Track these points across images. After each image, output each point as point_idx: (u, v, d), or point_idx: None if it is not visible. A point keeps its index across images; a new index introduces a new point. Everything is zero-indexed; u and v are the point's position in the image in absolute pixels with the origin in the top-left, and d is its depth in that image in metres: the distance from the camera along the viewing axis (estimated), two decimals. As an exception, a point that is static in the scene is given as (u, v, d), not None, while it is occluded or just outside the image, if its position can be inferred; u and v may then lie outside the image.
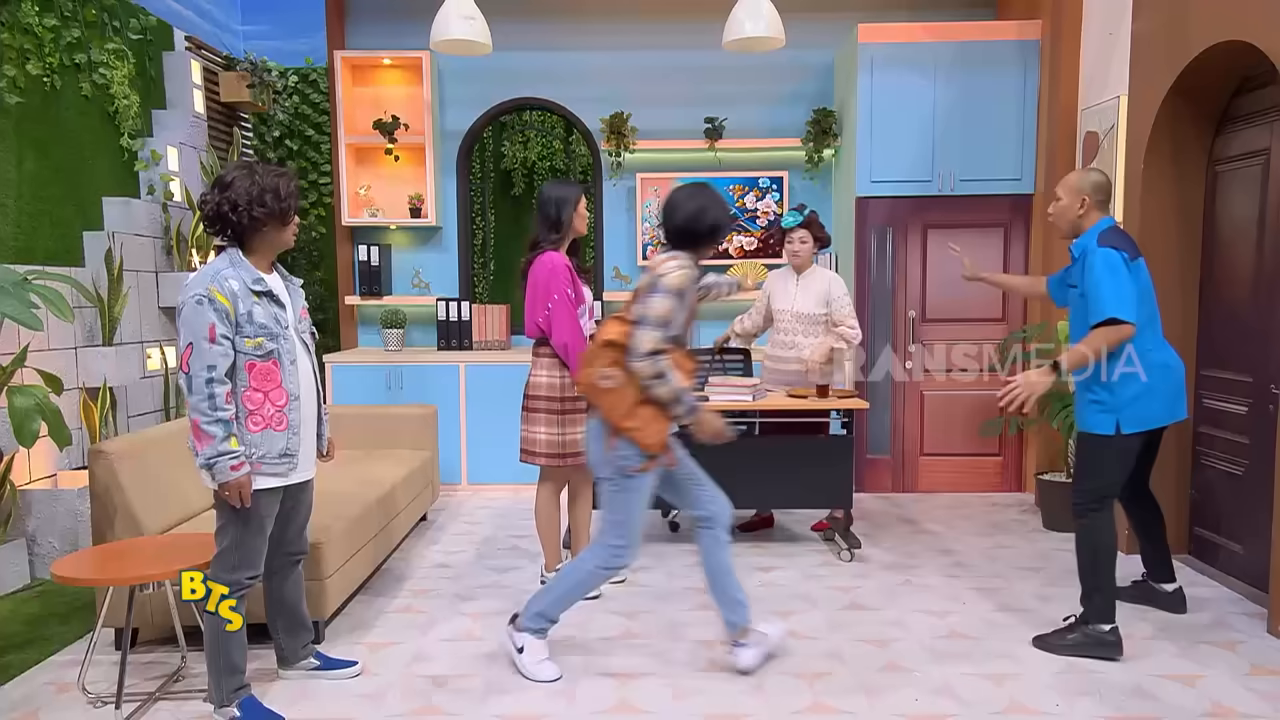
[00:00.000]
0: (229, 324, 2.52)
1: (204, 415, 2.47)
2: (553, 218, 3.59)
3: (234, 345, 2.53)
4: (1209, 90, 3.92)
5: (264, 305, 2.59)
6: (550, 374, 3.60)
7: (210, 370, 2.48)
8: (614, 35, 5.83)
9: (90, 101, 4.61)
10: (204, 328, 2.48)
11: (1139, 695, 2.81)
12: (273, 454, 2.61)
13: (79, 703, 2.79)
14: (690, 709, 2.75)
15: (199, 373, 2.48)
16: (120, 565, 2.73)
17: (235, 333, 2.53)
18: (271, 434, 2.60)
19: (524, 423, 3.67)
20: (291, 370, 2.64)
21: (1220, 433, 3.97)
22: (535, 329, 3.61)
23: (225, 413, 2.49)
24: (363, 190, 5.84)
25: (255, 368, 2.57)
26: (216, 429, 2.48)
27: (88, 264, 4.55)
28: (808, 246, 4.29)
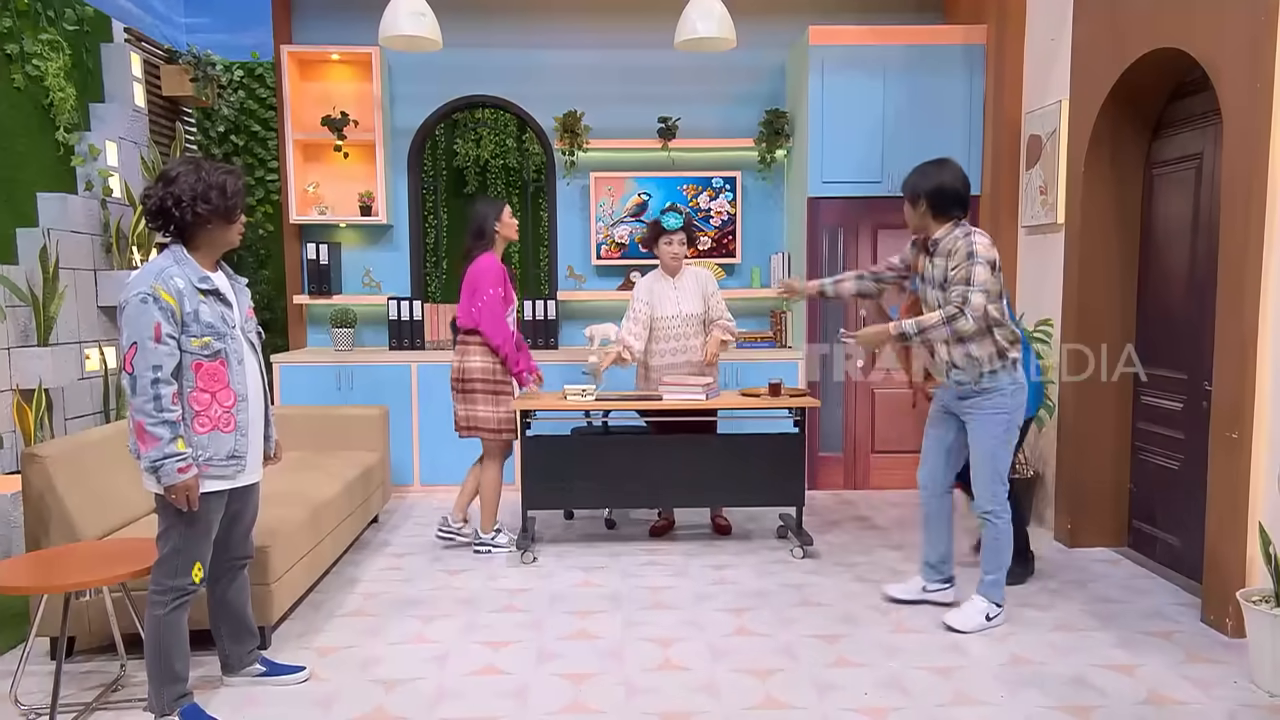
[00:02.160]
0: (174, 323, 2.46)
1: (149, 417, 2.42)
2: (478, 228, 4.17)
3: (180, 345, 2.48)
4: (1146, 96, 4.04)
5: (210, 304, 2.54)
6: (484, 359, 4.13)
7: (156, 370, 2.42)
8: (567, 34, 5.81)
9: (23, 94, 4.46)
10: (149, 327, 2.42)
11: (1080, 685, 2.88)
12: (220, 456, 2.55)
13: (11, 715, 2.70)
14: (643, 707, 2.75)
15: (144, 373, 2.42)
16: (55, 572, 2.65)
17: (181, 332, 2.48)
18: (219, 435, 2.55)
19: (462, 403, 4.16)
20: (239, 370, 2.59)
21: (1157, 428, 4.09)
22: (468, 319, 4.11)
23: (171, 414, 2.44)
24: (311, 188, 5.74)
25: (202, 368, 2.51)
26: (163, 430, 2.42)
27: (21, 262, 4.41)
28: (684, 249, 4.35)
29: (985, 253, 3.17)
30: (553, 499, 4.35)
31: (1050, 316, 4.56)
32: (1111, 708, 2.74)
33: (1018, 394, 3.29)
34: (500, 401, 4.15)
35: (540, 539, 4.49)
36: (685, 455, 4.28)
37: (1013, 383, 3.27)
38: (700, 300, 4.33)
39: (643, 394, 4.30)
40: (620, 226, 5.83)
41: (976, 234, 3.23)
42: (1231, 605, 3.21)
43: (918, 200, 3.32)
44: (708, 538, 4.53)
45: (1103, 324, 4.27)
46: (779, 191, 5.96)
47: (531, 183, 5.95)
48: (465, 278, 4.15)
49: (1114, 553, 4.25)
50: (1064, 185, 4.42)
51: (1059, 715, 2.69)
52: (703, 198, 5.81)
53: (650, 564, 4.12)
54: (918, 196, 3.31)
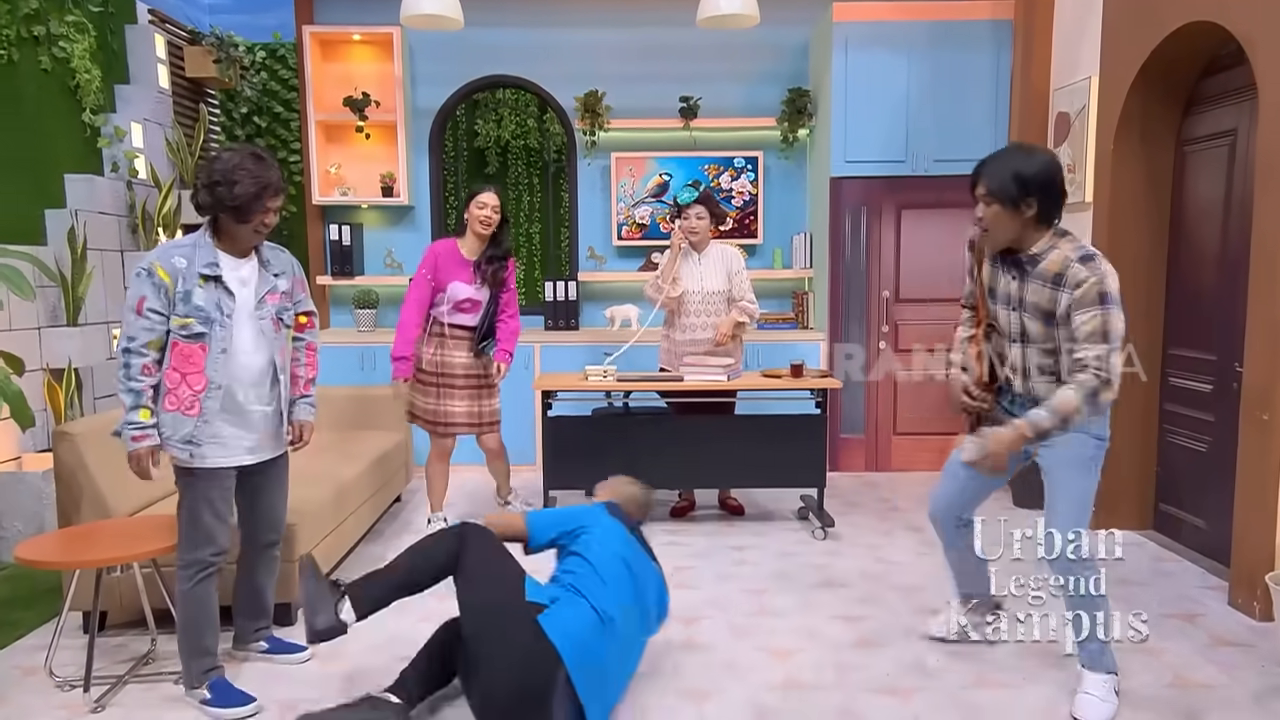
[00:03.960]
0: (164, 300, 2.54)
1: (119, 383, 2.54)
2: (458, 217, 4.18)
3: (166, 321, 2.55)
4: (1178, 71, 3.96)
5: (208, 290, 2.58)
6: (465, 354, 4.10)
7: (129, 340, 2.52)
8: (588, 12, 5.78)
9: (50, 75, 4.51)
10: (134, 299, 2.54)
11: (1103, 667, 2.87)
12: (176, 437, 2.58)
13: (47, 686, 2.77)
14: (665, 685, 2.77)
15: (121, 341, 2.54)
16: (87, 548, 2.71)
17: (170, 309, 2.55)
18: (179, 417, 2.57)
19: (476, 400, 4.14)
20: (219, 359, 2.60)
21: (1185, 410, 4.04)
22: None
23: (138, 383, 2.53)
24: (333, 169, 5.76)
25: (177, 347, 2.57)
26: (127, 398, 2.54)
27: (50, 242, 4.46)
28: (704, 223, 4.27)
29: (1116, 288, 2.40)
30: (574, 479, 4.37)
31: (1077, 297, 4.50)
32: (1136, 690, 2.72)
33: (1105, 422, 2.61)
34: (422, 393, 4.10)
35: (562, 519, 4.52)
36: (706, 436, 4.29)
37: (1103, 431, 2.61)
38: (724, 278, 4.30)
39: (663, 375, 4.30)
40: (641, 207, 5.81)
41: (1102, 261, 2.42)
42: (1260, 589, 3.17)
43: (1023, 200, 2.43)
44: (727, 519, 4.54)
45: (1130, 304, 4.17)
46: (801, 171, 5.91)
47: (552, 163, 5.94)
48: None
49: (1139, 536, 4.21)
50: (1093, 163, 4.36)
51: (1082, 697, 2.68)
52: (724, 178, 5.78)
53: (672, 544, 4.14)
54: (1025, 193, 2.42)
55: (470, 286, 4.02)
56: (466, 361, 4.07)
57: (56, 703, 2.68)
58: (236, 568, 2.89)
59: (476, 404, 4.11)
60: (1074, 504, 2.59)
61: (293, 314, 2.84)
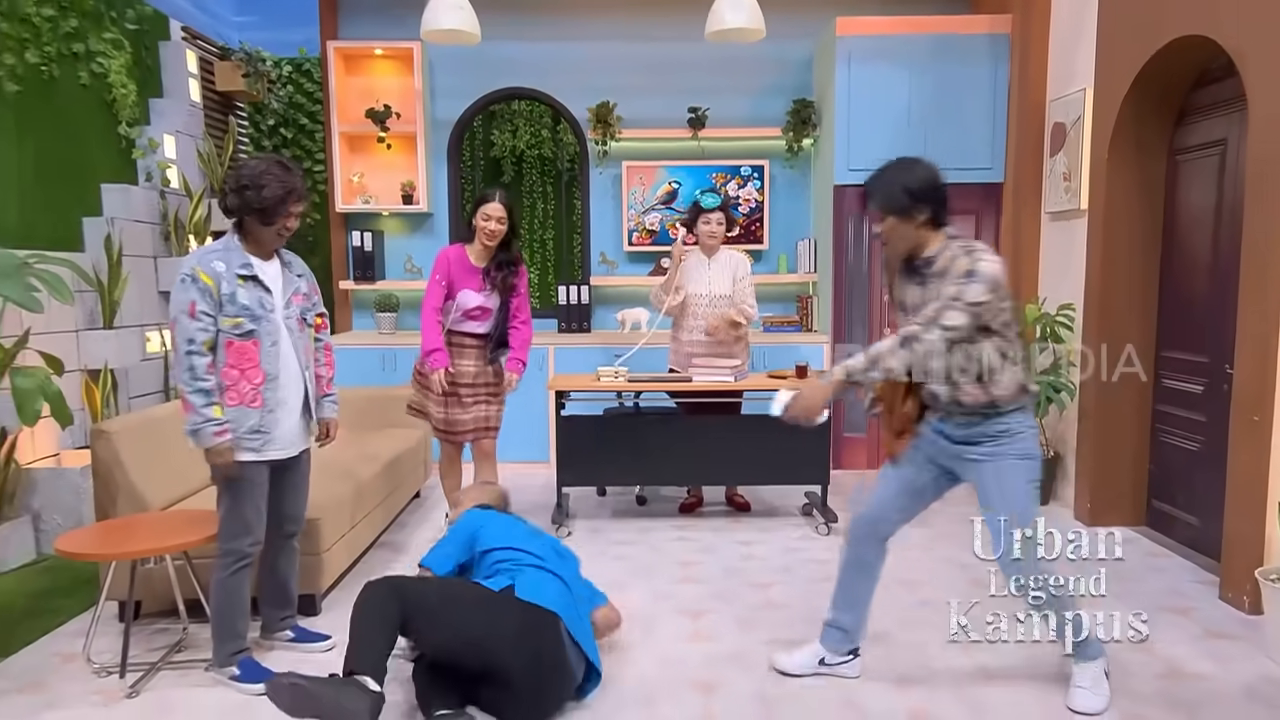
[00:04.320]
0: (211, 301, 2.56)
1: (186, 385, 2.54)
2: (466, 223, 3.94)
3: (216, 322, 2.57)
4: (1170, 83, 3.94)
5: (249, 289, 2.62)
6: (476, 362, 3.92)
7: (189, 343, 2.53)
8: (601, 27, 5.79)
9: (88, 90, 4.54)
10: (185, 304, 2.54)
11: (1098, 659, 2.85)
12: (243, 429, 2.62)
13: (85, 672, 2.79)
14: (674, 676, 2.77)
15: (180, 345, 2.54)
16: (123, 540, 2.73)
17: (218, 311, 2.57)
18: (245, 410, 2.62)
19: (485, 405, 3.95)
20: (271, 351, 2.65)
21: (1178, 410, 4.02)
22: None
23: (205, 382, 2.54)
24: (356, 178, 5.79)
25: (233, 345, 2.60)
26: (197, 398, 2.54)
27: (87, 249, 4.50)
28: (722, 229, 4.27)
29: (990, 270, 2.34)
30: (586, 476, 4.38)
31: (1072, 301, 4.48)
32: (1130, 681, 2.71)
33: (1036, 437, 2.56)
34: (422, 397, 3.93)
35: (574, 515, 4.52)
36: (714, 435, 4.29)
37: (1032, 425, 2.55)
38: (731, 282, 4.29)
39: (673, 376, 4.30)
40: (651, 214, 5.81)
41: (985, 253, 2.40)
42: (1249, 583, 3.15)
43: (912, 209, 2.43)
44: (734, 515, 4.54)
45: (1124, 308, 4.20)
46: (806, 179, 5.91)
47: (565, 172, 5.95)
48: None
49: (1133, 532, 4.19)
50: (1087, 172, 4.34)
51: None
52: (731, 185, 5.78)
53: (679, 539, 4.14)
54: (915, 202, 2.42)
55: (479, 294, 3.82)
56: (475, 370, 3.86)
57: (94, 688, 2.71)
58: (259, 561, 2.90)
59: (485, 409, 3.92)
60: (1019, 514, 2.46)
61: (313, 314, 2.86)
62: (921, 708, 2.59)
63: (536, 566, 2.67)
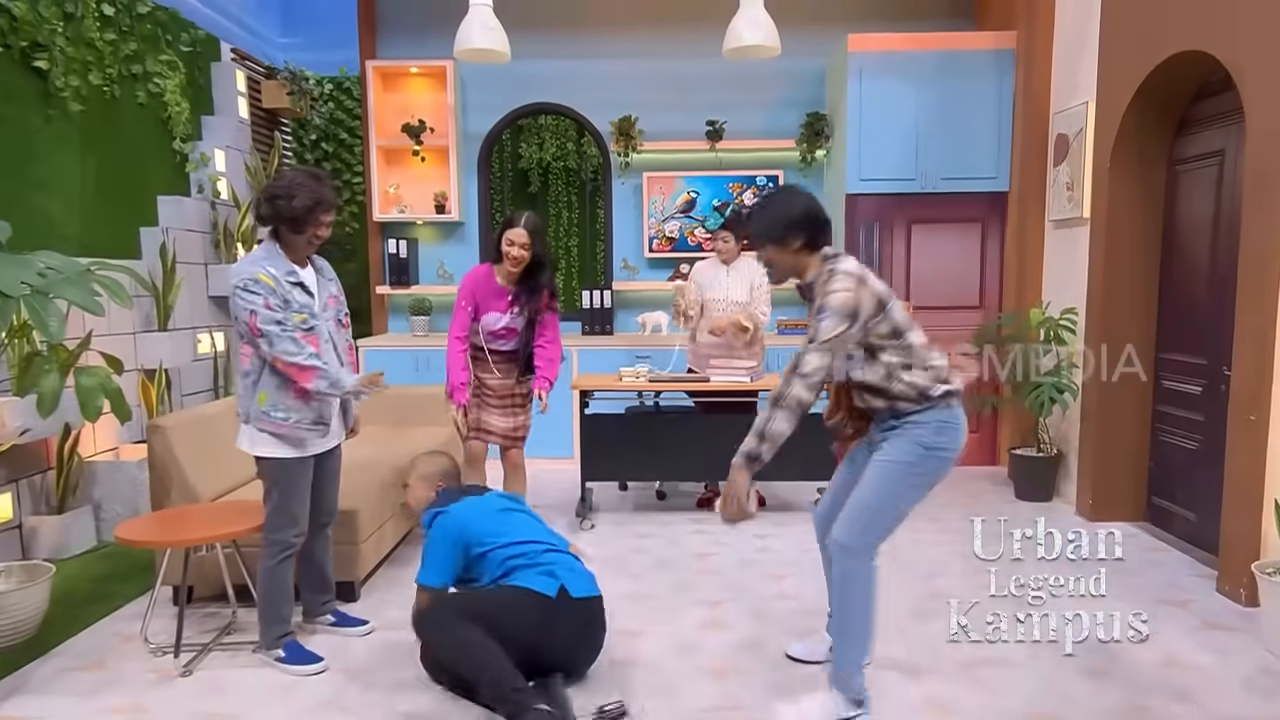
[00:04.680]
0: (277, 299, 2.61)
1: (295, 356, 2.58)
2: (494, 241, 3.63)
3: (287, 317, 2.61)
4: (1170, 96, 3.91)
5: (299, 291, 2.68)
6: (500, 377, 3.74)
7: (279, 325, 2.58)
8: (623, 44, 5.82)
9: (145, 108, 4.64)
10: (258, 300, 2.57)
11: (1096, 649, 2.84)
12: (307, 420, 2.67)
13: (142, 652, 2.86)
14: (693, 662, 2.80)
15: (270, 328, 2.57)
16: (176, 529, 2.79)
17: (285, 308, 2.61)
18: (311, 402, 2.68)
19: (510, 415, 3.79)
20: (327, 348, 2.73)
21: (1177, 410, 3.99)
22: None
23: (309, 348, 2.61)
24: (392, 189, 5.86)
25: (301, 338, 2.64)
26: (313, 361, 2.60)
27: (144, 257, 4.60)
28: (730, 245, 4.28)
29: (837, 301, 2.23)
30: (609, 472, 4.41)
31: (1075, 305, 4.46)
32: (1131, 671, 2.70)
33: (944, 431, 2.34)
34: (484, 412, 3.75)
35: (597, 508, 4.55)
36: (731, 432, 4.27)
37: (937, 420, 2.33)
38: (749, 289, 4.31)
39: (691, 376, 4.32)
40: (670, 222, 5.84)
41: (840, 278, 2.26)
42: (1246, 577, 3.13)
43: (788, 236, 2.35)
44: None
45: (1126, 312, 4.17)
46: (819, 189, 5.89)
47: (589, 182, 5.99)
48: None
49: (1133, 527, 4.16)
50: (1089, 181, 4.31)
51: (1078, 677, 2.66)
52: (747, 195, 5.78)
53: (697, 532, 4.16)
54: (788, 230, 2.34)
55: (505, 315, 3.62)
56: (501, 384, 3.71)
57: (150, 666, 2.77)
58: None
59: (512, 419, 3.76)
60: (859, 506, 2.36)
61: (344, 314, 2.90)
62: (934, 693, 2.59)
63: (553, 550, 2.65)
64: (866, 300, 2.26)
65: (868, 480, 2.38)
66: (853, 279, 2.27)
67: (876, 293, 2.29)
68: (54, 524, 3.77)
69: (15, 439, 3.47)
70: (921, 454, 2.33)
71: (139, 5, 4.53)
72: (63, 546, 3.78)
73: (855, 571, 2.36)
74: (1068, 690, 2.59)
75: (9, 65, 3.67)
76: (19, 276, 2.62)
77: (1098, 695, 2.57)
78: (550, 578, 2.55)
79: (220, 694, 2.61)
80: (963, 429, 2.37)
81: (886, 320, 2.31)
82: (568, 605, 2.52)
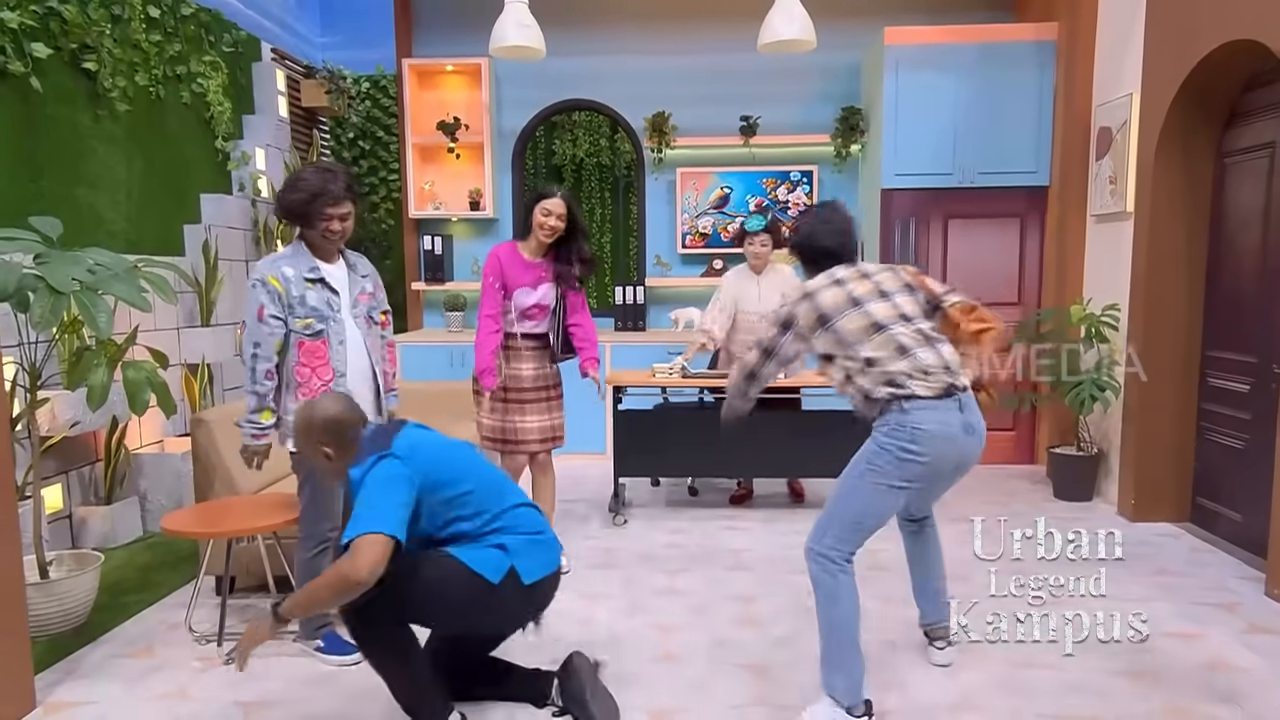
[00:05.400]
0: (280, 305, 2.62)
1: (246, 384, 2.65)
2: (522, 217, 3.56)
3: (286, 324, 2.64)
4: (1219, 87, 3.81)
5: (317, 291, 2.67)
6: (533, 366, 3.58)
7: (255, 347, 2.62)
8: (656, 40, 5.81)
9: (189, 108, 4.72)
10: (254, 308, 2.62)
11: (1140, 650, 2.78)
12: None
13: (186, 640, 2.92)
14: (728, 658, 2.79)
15: (246, 348, 2.64)
16: (219, 520, 2.84)
17: (288, 313, 2.63)
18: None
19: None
20: (339, 350, 2.70)
21: (1223, 409, 3.89)
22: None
23: (262, 387, 2.63)
24: (427, 186, 5.91)
25: (304, 345, 2.66)
26: (251, 400, 2.65)
27: (188, 253, 4.68)
28: (767, 249, 4.23)
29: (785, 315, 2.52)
30: (642, 467, 4.41)
31: (1117, 302, 4.36)
32: (1174, 672, 2.64)
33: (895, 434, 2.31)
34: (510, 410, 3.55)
35: (630, 504, 4.56)
36: (764, 429, 4.27)
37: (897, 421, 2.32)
38: (780, 298, 4.25)
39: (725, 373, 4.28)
40: (704, 218, 5.81)
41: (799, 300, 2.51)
42: (1297, 581, 3.04)
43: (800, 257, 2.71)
44: (783, 506, 4.53)
45: (1170, 308, 4.07)
46: (854, 184, 5.84)
47: (622, 178, 5.99)
48: None
49: (1176, 527, 4.07)
50: (1133, 175, 4.21)
51: (1122, 679, 2.61)
52: (781, 190, 5.75)
53: (730, 528, 4.15)
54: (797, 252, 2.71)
55: (535, 292, 3.48)
56: (535, 373, 3.53)
57: (195, 654, 2.83)
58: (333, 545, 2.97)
59: (549, 417, 3.57)
60: (831, 501, 2.45)
61: (378, 311, 2.90)
62: (970, 692, 2.55)
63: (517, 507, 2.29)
64: (804, 313, 2.46)
65: (839, 481, 2.46)
66: (799, 293, 2.50)
67: (819, 308, 2.43)
68: (102, 514, 3.86)
69: (66, 431, 3.56)
70: (875, 450, 2.36)
71: (183, 7, 4.62)
72: (111, 536, 3.87)
73: (819, 579, 2.39)
74: (1107, 690, 2.54)
75: (60, 67, 3.76)
76: (70, 273, 2.68)
77: (1140, 697, 2.52)
78: (501, 554, 2.18)
79: (262, 681, 2.65)
80: (923, 433, 2.29)
81: (830, 333, 2.42)
82: (514, 591, 2.17)
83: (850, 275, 2.49)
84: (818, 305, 2.43)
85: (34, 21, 3.56)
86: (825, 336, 2.43)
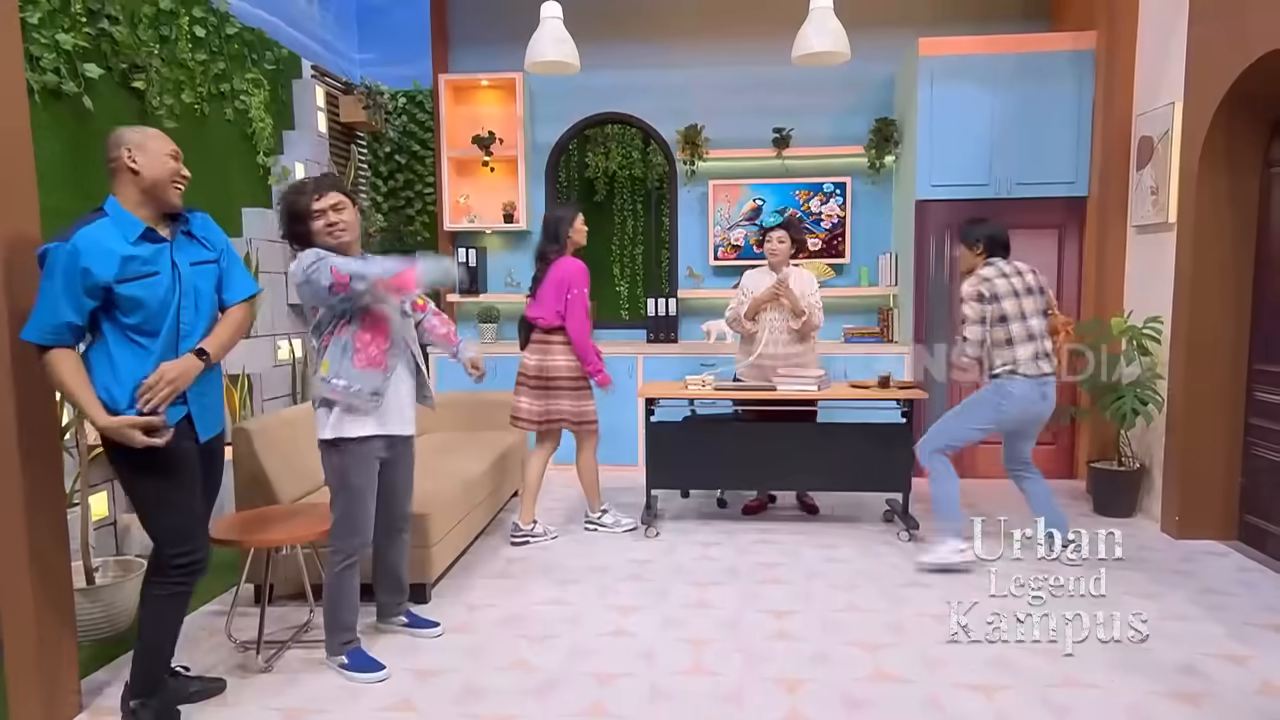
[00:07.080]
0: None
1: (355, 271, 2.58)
2: (552, 232, 4.02)
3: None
4: (1265, 96, 3.72)
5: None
6: (568, 358, 4.02)
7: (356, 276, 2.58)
8: (689, 53, 5.82)
9: (232, 125, 4.82)
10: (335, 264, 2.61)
11: (1189, 672, 2.71)
12: (367, 389, 2.69)
13: (226, 647, 2.96)
14: (761, 673, 2.76)
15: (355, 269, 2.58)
16: (259, 529, 2.87)
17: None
18: (370, 373, 2.70)
19: (541, 398, 4.06)
20: (398, 321, 2.79)
21: (1271, 424, 3.78)
22: (555, 317, 3.99)
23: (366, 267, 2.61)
24: (462, 199, 5.97)
25: (369, 312, 2.71)
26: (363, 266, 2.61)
27: (229, 266, 4.76)
28: (785, 246, 4.23)
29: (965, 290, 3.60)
30: (674, 479, 4.40)
31: (1160, 314, 4.27)
32: (1222, 696, 2.56)
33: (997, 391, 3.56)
34: (582, 396, 4.06)
35: (661, 515, 4.54)
36: (795, 441, 4.25)
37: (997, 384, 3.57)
38: (800, 297, 4.24)
39: (756, 385, 4.26)
40: (736, 230, 5.80)
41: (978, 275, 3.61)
42: (1352, 603, 2.94)
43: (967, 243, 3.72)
44: (816, 519, 4.48)
45: (1215, 320, 3.98)
46: (888, 195, 5.80)
47: (655, 191, 6.00)
48: (549, 278, 3.99)
49: (1223, 545, 3.96)
50: (1176, 185, 4.13)
51: (1167, 701, 2.54)
52: (814, 201, 5.72)
53: (762, 542, 4.11)
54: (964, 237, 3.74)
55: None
56: (568, 364, 4.03)
57: (235, 661, 2.87)
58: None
59: (578, 404, 4.07)
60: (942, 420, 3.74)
61: (409, 304, 2.95)
62: (1007, 713, 2.50)
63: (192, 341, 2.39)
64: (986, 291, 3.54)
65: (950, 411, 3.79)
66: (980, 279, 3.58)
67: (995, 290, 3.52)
68: (145, 521, 3.92)
69: (111, 440, 3.63)
70: (979, 398, 3.65)
71: (227, 27, 4.73)
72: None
73: (934, 466, 3.67)
74: (1154, 715, 2.46)
75: (111, 87, 3.86)
76: (118, 286, 2.73)
77: (1189, 722, 2.44)
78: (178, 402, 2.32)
79: (298, 689, 2.68)
80: (1011, 397, 3.53)
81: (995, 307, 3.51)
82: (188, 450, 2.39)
83: (1011, 271, 3.56)
84: (995, 289, 3.49)
85: (86, 43, 3.67)
86: (992, 308, 3.48)
